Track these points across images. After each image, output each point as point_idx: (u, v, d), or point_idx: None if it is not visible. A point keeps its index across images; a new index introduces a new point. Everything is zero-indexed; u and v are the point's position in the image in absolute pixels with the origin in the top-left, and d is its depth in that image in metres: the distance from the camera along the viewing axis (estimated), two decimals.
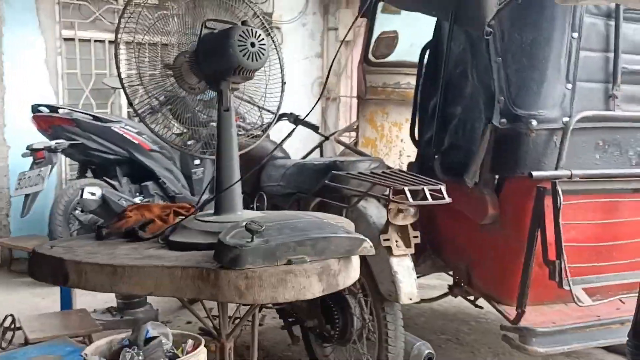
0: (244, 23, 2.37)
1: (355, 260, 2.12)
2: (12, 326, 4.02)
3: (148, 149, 5.91)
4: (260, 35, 2.28)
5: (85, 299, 4.49)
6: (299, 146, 4.90)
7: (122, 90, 6.99)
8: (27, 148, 5.37)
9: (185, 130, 6.68)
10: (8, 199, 6.11)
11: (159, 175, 5.96)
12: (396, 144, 4.76)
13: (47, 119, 5.50)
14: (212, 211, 2.34)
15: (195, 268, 1.95)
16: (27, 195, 5.31)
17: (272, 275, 1.92)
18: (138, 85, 2.45)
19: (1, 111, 6.02)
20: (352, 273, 2.10)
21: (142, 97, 2.54)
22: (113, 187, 5.68)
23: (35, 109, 5.52)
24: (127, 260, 2.02)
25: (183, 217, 2.30)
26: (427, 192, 2.74)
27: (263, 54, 2.28)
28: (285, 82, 2.76)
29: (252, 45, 2.26)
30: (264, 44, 2.28)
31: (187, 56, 2.44)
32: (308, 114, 2.85)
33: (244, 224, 1.95)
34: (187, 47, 2.46)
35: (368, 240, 2.15)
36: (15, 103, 6.04)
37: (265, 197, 3.60)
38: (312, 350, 3.64)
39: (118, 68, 2.41)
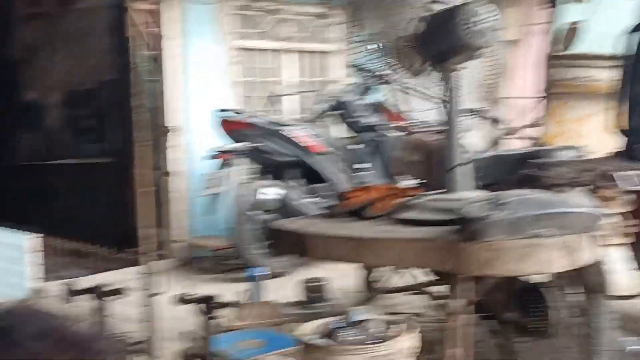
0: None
1: (596, 238, 2.08)
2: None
3: (316, 152, 6.10)
4: (484, 14, 2.30)
5: (270, 293, 4.68)
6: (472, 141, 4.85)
7: (288, 98, 7.27)
8: (213, 150, 5.70)
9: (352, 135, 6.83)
10: (190, 200, 6.49)
11: (330, 178, 6.12)
12: (578, 139, 4.62)
13: (230, 123, 5.82)
14: (436, 192, 2.38)
15: (437, 241, 1.99)
16: (213, 195, 5.63)
17: (515, 248, 1.92)
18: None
19: (186, 118, 6.42)
20: (593, 250, 2.06)
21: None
22: (289, 188, 5.91)
23: (219, 113, 5.86)
24: (369, 233, 2.10)
25: (410, 196, 2.36)
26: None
27: (487, 33, 2.30)
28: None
29: (476, 24, 2.29)
30: (490, 21, 2.30)
31: (408, 39, 2.50)
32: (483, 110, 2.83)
33: (487, 197, 1.97)
34: (408, 29, 2.51)
35: None
36: (198, 110, 6.43)
37: None
38: (506, 345, 3.57)
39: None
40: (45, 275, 5.44)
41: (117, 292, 3.04)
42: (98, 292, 3.07)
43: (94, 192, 3.89)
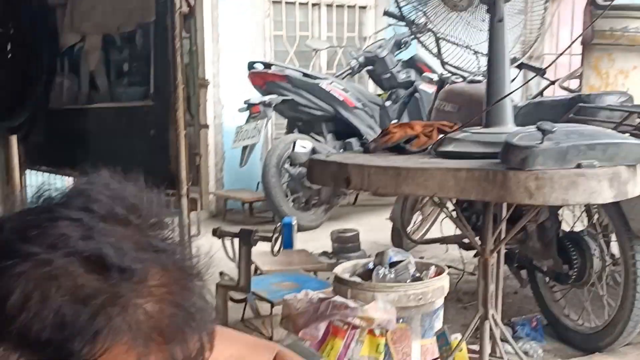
0: None
1: None
2: None
3: (352, 106, 6.05)
4: None
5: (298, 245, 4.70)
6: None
7: (322, 52, 7.21)
8: (245, 102, 5.69)
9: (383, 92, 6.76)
10: (222, 154, 6.52)
11: (362, 132, 6.09)
12: None
13: (261, 75, 5.79)
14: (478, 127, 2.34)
15: (481, 170, 1.96)
16: (244, 148, 5.64)
17: (563, 177, 1.89)
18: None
19: (217, 72, 6.41)
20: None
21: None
22: (320, 142, 5.89)
23: (250, 65, 5.83)
24: (409, 164, 2.08)
25: (452, 130, 2.32)
26: None
27: None
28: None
29: None
30: None
31: None
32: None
33: (535, 126, 1.93)
34: None
35: None
36: (228, 65, 6.41)
37: None
38: (539, 295, 3.56)
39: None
40: None
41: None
42: None
43: (132, 136, 3.89)
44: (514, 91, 2.31)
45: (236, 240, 3.46)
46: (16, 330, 0.66)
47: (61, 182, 5.28)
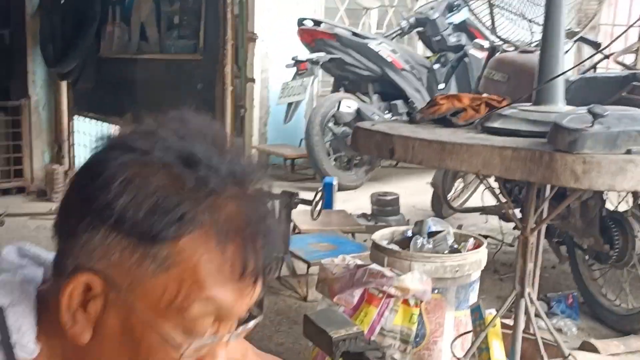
0: None
1: None
2: None
3: (400, 68, 5.98)
4: None
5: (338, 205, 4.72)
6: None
7: (372, 11, 7.11)
8: (292, 59, 5.67)
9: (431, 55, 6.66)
10: (267, 109, 6.53)
11: (408, 95, 6.03)
12: None
13: (310, 32, 5.75)
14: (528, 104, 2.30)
15: (527, 150, 1.93)
16: (289, 104, 5.65)
17: (611, 163, 1.85)
18: None
19: (266, 27, 6.38)
20: None
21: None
22: (365, 103, 5.86)
23: (300, 22, 5.79)
24: (455, 139, 2.06)
25: (500, 106, 2.29)
26: None
27: None
28: None
29: None
30: None
31: None
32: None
33: (586, 108, 1.89)
34: None
35: None
36: (278, 20, 6.37)
37: None
38: (578, 272, 3.53)
39: None
40: None
41: None
42: None
43: (179, 89, 3.93)
44: (568, 70, 2.26)
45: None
46: (116, 211, 0.77)
47: (107, 130, 5.39)
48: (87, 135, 5.38)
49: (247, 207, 0.81)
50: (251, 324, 0.88)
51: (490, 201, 4.08)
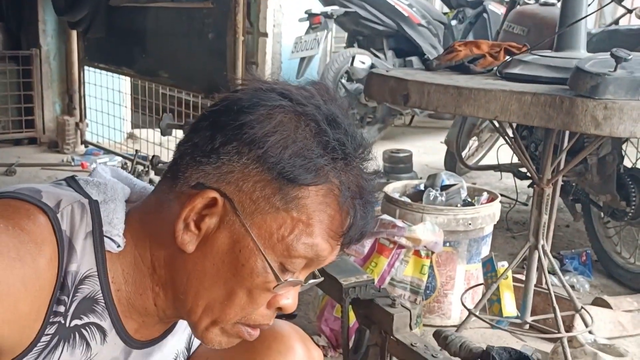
0: None
1: None
2: None
3: (417, 23, 5.86)
4: None
5: None
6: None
7: None
8: (305, 12, 5.55)
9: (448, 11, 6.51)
10: (280, 64, 6.43)
11: (424, 51, 5.91)
12: None
13: None
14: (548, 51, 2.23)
15: (547, 95, 1.86)
16: (302, 59, 5.54)
17: (633, 109, 1.78)
18: None
19: None
20: None
21: None
22: (379, 58, 5.75)
23: None
24: (472, 84, 2.00)
25: (520, 52, 2.21)
26: None
27: None
28: None
29: None
30: None
31: None
32: None
33: (609, 52, 1.82)
34: None
35: None
36: None
37: None
38: (592, 230, 3.48)
39: None
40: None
41: None
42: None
43: (191, 38, 3.86)
44: (590, 14, 2.18)
45: None
46: (267, 145, 0.87)
47: (119, 81, 5.33)
48: (99, 86, 5.33)
49: (367, 178, 0.94)
50: (315, 281, 1.01)
51: (505, 159, 4.02)
